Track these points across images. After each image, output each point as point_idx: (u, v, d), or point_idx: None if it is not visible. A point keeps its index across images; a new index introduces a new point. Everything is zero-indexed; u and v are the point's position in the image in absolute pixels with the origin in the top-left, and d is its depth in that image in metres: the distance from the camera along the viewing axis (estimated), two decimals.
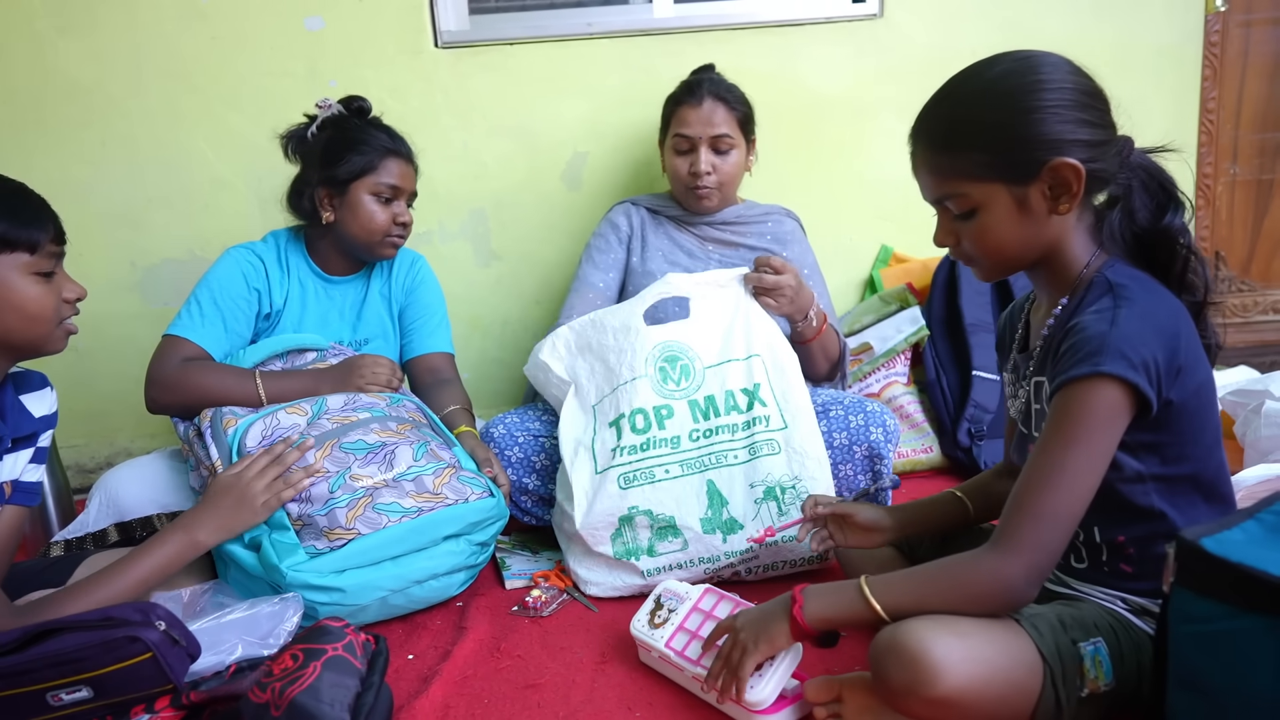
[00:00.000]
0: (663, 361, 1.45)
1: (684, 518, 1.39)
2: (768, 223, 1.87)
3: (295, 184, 1.68)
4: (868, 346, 2.08)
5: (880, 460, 1.59)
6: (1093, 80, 0.94)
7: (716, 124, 1.75)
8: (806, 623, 0.96)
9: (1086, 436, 0.86)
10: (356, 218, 1.61)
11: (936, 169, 0.97)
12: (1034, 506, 0.87)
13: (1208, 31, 2.26)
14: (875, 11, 2.19)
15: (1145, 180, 0.95)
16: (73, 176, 2.12)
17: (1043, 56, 0.94)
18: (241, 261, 1.62)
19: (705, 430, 1.43)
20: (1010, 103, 0.92)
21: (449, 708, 1.11)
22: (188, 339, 1.51)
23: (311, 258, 1.69)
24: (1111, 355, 0.86)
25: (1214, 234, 2.42)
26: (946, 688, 0.84)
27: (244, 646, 1.09)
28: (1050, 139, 0.90)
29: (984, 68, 0.96)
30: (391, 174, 1.61)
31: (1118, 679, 0.91)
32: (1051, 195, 0.92)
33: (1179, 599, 0.77)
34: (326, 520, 1.27)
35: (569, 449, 1.44)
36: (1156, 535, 0.94)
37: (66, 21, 2.05)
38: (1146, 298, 0.91)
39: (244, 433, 1.34)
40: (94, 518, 1.44)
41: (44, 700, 0.96)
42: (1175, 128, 2.29)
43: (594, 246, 1.87)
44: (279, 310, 1.64)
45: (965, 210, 0.96)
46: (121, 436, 2.24)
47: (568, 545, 1.47)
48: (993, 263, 0.99)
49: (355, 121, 1.65)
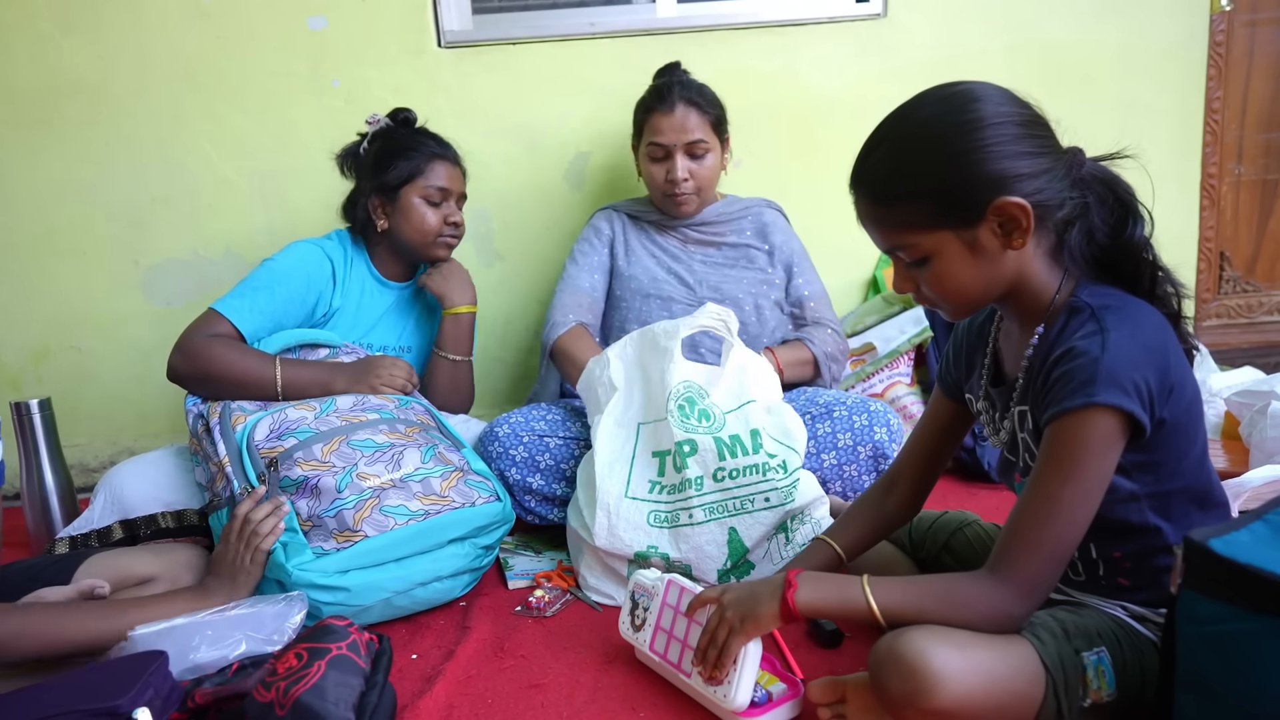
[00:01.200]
0: (683, 400, 1.40)
1: (700, 569, 1.34)
2: (747, 217, 1.87)
3: (350, 197, 1.74)
4: (871, 347, 2.08)
5: (884, 460, 1.59)
6: (1028, 107, 0.91)
7: (690, 130, 1.73)
8: (798, 609, 0.94)
9: (1084, 468, 0.86)
10: (409, 221, 1.66)
11: (879, 221, 0.94)
12: (1031, 539, 0.87)
13: (1213, 31, 2.26)
14: (878, 11, 2.19)
15: (1101, 194, 0.93)
16: (77, 176, 2.12)
17: (972, 90, 0.90)
18: (309, 260, 1.63)
19: (731, 470, 1.34)
20: (943, 146, 0.88)
21: (452, 707, 1.11)
22: (227, 317, 1.51)
23: (372, 262, 1.74)
24: (1105, 384, 0.84)
25: (1219, 234, 2.42)
26: (945, 698, 0.83)
27: (248, 643, 1.09)
28: (990, 178, 0.87)
29: (912, 109, 0.92)
30: (440, 177, 1.67)
31: (1120, 688, 0.91)
32: (1003, 232, 0.90)
33: (1186, 600, 0.77)
34: (335, 522, 1.27)
35: (604, 460, 1.38)
36: (1152, 549, 0.94)
37: (71, 21, 2.05)
38: (1131, 317, 0.89)
39: (253, 427, 1.35)
40: (99, 514, 1.44)
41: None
42: (1180, 128, 2.29)
43: (578, 250, 1.88)
44: (335, 311, 1.67)
45: (917, 259, 0.93)
46: (125, 435, 2.24)
47: (579, 548, 1.44)
48: (956, 305, 0.96)
49: (402, 131, 1.71)
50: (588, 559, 1.41)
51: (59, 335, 2.19)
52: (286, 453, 1.31)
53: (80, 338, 2.20)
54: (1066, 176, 0.91)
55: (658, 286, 1.81)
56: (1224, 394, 1.85)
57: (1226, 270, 2.45)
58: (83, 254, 2.17)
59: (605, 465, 1.38)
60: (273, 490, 1.28)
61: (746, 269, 1.83)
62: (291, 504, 1.27)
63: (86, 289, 2.17)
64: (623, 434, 1.42)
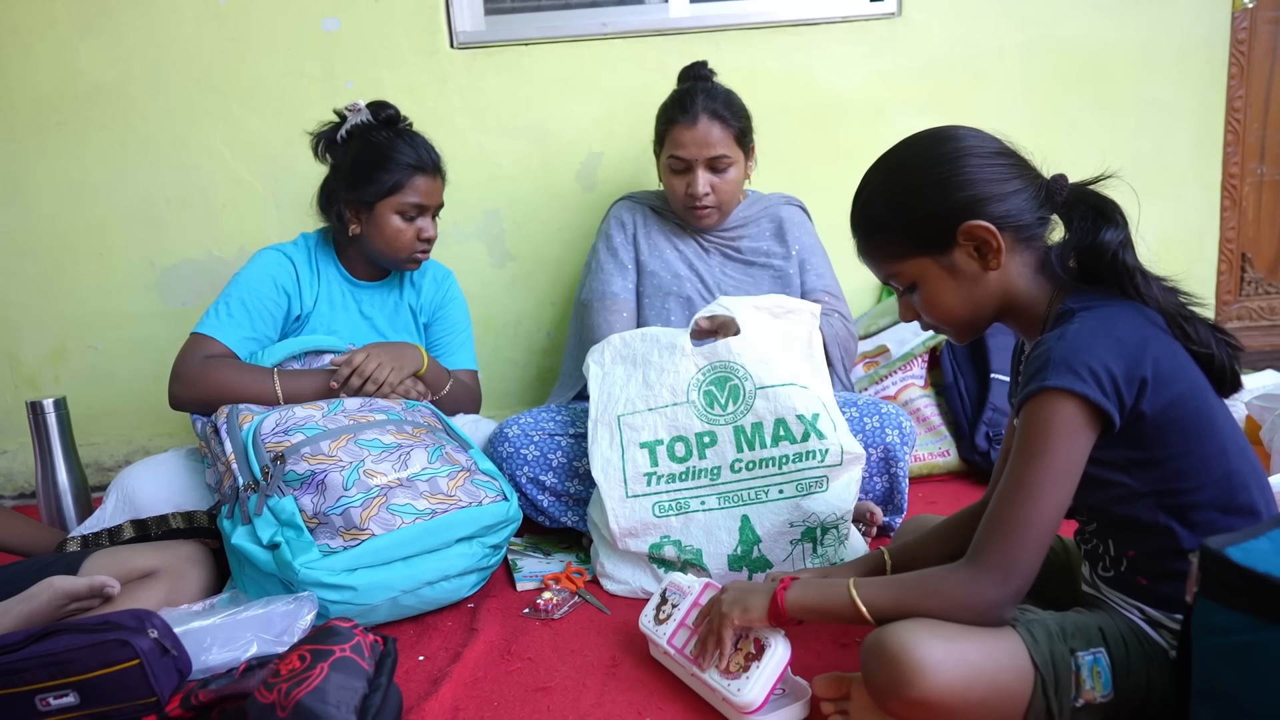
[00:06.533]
0: (710, 385, 1.39)
1: (711, 553, 1.36)
2: (765, 217, 1.85)
3: (324, 189, 1.68)
4: (884, 349, 2.06)
5: (896, 463, 1.57)
6: (993, 140, 0.98)
7: (713, 144, 1.68)
8: (785, 608, 0.99)
9: (1043, 450, 0.87)
10: (382, 234, 1.62)
11: (869, 255, 1.04)
12: (1000, 521, 0.88)
13: (1234, 29, 2.22)
14: (893, 10, 2.17)
15: (1085, 211, 0.96)
16: (93, 177, 2.14)
17: (940, 131, 0.99)
18: (272, 264, 1.63)
19: (749, 461, 1.36)
20: (904, 183, 0.98)
21: (458, 710, 1.10)
22: (213, 337, 1.53)
23: (341, 262, 1.71)
24: (1056, 369, 0.87)
25: (1240, 235, 2.38)
26: (926, 689, 0.84)
27: (259, 644, 1.09)
28: (955, 206, 0.94)
29: (884, 158, 1.02)
30: (417, 192, 1.62)
31: (1119, 691, 0.90)
32: (979, 255, 0.96)
33: (1202, 610, 0.75)
34: (342, 520, 1.27)
35: (598, 466, 1.40)
36: (1166, 550, 0.92)
37: (89, 25, 2.07)
38: (1105, 314, 0.91)
39: (259, 424, 1.36)
40: (110, 514, 1.45)
41: (33, 704, 0.97)
42: (1200, 127, 2.26)
43: (604, 249, 1.83)
44: (309, 312, 1.65)
45: (907, 286, 1.02)
46: (140, 434, 2.26)
47: (599, 537, 1.46)
48: (953, 328, 1.03)
49: (383, 134, 1.63)
50: (608, 549, 1.43)
51: (76, 334, 2.21)
52: (294, 447, 1.31)
53: (97, 337, 2.22)
54: (1039, 198, 0.96)
55: (679, 284, 1.78)
56: (1245, 397, 1.81)
57: (1248, 272, 2.40)
58: (99, 254, 2.19)
59: (600, 471, 1.40)
60: (276, 485, 1.28)
61: (764, 270, 1.81)
62: (295, 500, 1.27)
63: (103, 289, 2.19)
64: (605, 432, 1.43)
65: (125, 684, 0.98)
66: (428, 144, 1.67)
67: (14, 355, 2.22)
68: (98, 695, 0.98)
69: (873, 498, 1.59)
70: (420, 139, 1.66)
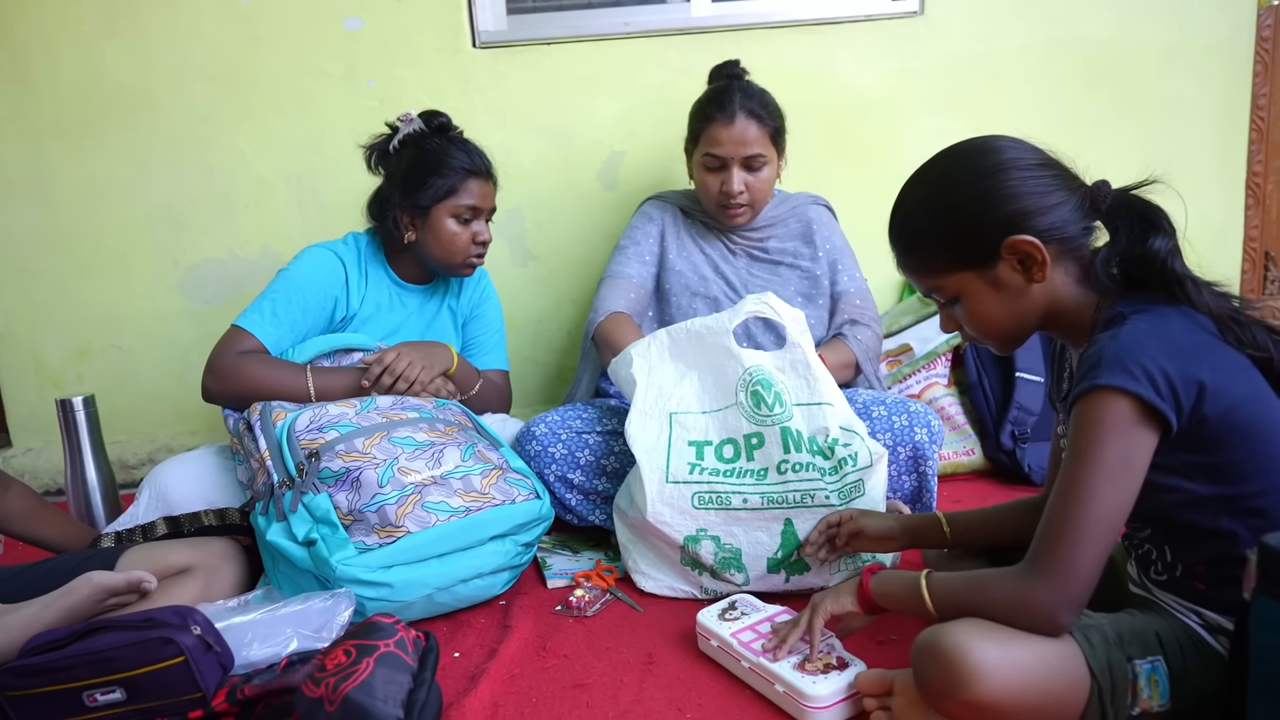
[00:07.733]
0: (756, 385, 1.39)
1: (751, 554, 1.35)
2: (793, 218, 1.85)
3: (378, 197, 1.69)
4: (908, 348, 2.05)
5: (924, 462, 1.56)
6: (1034, 151, 0.96)
7: (750, 143, 1.68)
8: (873, 593, 1.03)
9: (1097, 450, 0.85)
10: (438, 239, 1.63)
11: (910, 269, 1.03)
12: (1054, 525, 0.87)
13: (1259, 26, 2.21)
14: (915, 9, 2.17)
15: (1130, 219, 0.95)
16: (117, 177, 2.15)
17: (981, 143, 0.98)
18: (322, 264, 1.63)
19: (795, 464, 1.35)
20: (945, 197, 0.97)
21: (498, 706, 1.10)
22: (251, 333, 1.53)
23: (390, 265, 1.72)
24: (1109, 367, 0.85)
25: (1264, 234, 2.36)
26: (981, 692, 0.84)
27: (299, 639, 1.09)
28: (998, 220, 0.93)
29: (924, 170, 1.01)
30: (472, 194, 1.63)
31: (1175, 699, 0.89)
32: (1022, 268, 0.95)
33: (1261, 607, 0.74)
34: (377, 517, 1.27)
35: (640, 449, 1.39)
36: (1230, 557, 0.90)
37: (113, 26, 2.08)
38: (1158, 317, 0.90)
39: (293, 421, 1.36)
40: (143, 511, 1.45)
41: (80, 700, 0.98)
42: (1224, 125, 2.25)
43: (628, 239, 1.84)
44: (354, 314, 1.66)
45: (949, 299, 1.01)
46: (163, 433, 2.27)
47: (631, 537, 1.45)
48: (996, 340, 1.02)
49: (436, 141, 1.65)
50: (640, 546, 1.42)
51: (100, 334, 2.22)
52: (328, 444, 1.31)
53: (120, 336, 2.23)
54: (1083, 208, 0.95)
55: (705, 285, 1.79)
56: None
57: (1271, 270, 2.39)
58: (122, 254, 2.19)
59: (643, 453, 1.39)
60: (311, 481, 1.28)
61: (792, 270, 1.81)
62: (330, 497, 1.27)
63: (126, 288, 2.20)
64: (654, 425, 1.42)
65: (170, 680, 0.98)
66: (480, 149, 1.68)
67: (39, 355, 2.23)
68: (144, 691, 0.98)
69: (901, 496, 1.59)
70: (472, 145, 1.68)
